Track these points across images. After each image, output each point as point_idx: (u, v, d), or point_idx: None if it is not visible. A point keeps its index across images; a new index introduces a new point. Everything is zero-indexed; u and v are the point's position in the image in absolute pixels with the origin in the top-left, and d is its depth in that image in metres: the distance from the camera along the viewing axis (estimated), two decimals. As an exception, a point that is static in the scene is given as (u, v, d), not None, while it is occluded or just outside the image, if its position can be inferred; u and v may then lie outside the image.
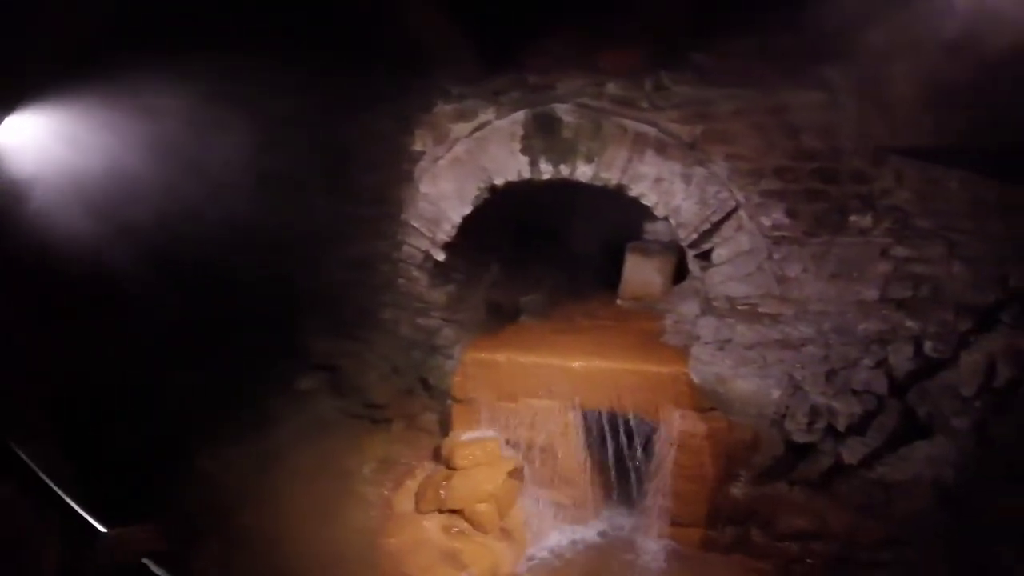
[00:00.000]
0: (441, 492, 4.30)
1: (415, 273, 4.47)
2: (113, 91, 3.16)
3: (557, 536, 4.44)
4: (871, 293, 3.55)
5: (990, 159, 3.09)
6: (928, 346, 3.52)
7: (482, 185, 4.13)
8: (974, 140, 2.77)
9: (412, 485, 4.55)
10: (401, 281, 4.55)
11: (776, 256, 3.68)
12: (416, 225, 4.37)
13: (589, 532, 4.44)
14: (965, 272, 3.40)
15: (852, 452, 3.72)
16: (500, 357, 4.34)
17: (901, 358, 3.57)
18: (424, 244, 4.37)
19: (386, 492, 4.45)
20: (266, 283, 4.67)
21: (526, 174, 4.01)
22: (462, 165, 4.15)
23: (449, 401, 4.56)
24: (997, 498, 3.24)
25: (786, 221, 3.60)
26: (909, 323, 3.53)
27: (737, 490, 3.94)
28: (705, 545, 4.09)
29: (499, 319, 4.94)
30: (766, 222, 3.64)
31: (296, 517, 4.02)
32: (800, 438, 3.77)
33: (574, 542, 4.41)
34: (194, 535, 3.64)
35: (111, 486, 3.19)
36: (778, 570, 3.92)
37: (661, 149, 3.71)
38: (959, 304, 3.44)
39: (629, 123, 3.75)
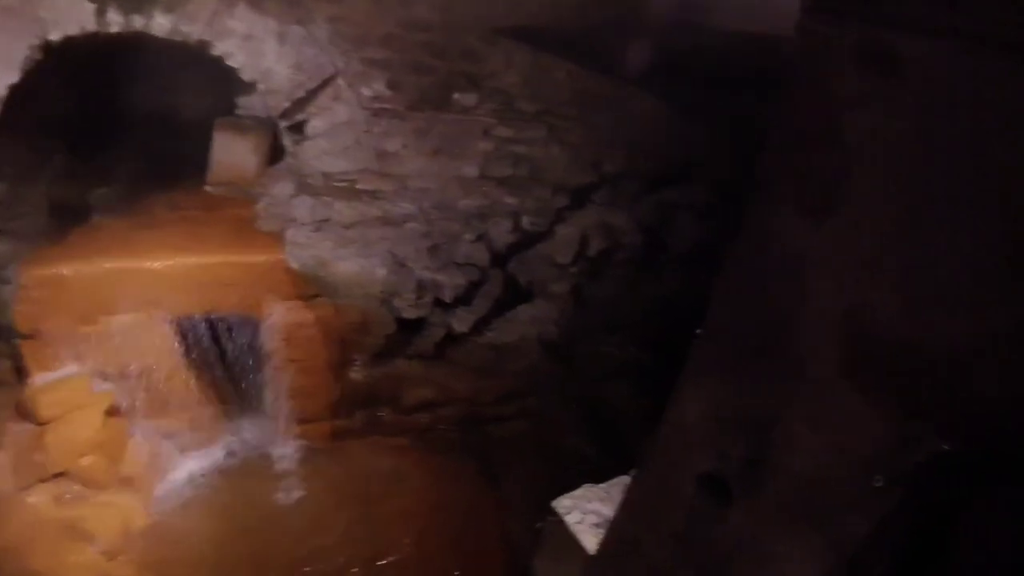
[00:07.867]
0: (36, 457, 3.57)
1: (-60, 168, 3.43)
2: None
3: (184, 468, 4.03)
4: (472, 170, 3.63)
5: (597, 50, 3.28)
6: (526, 220, 3.78)
7: (34, 42, 3.18)
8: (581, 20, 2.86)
9: (3, 458, 3.71)
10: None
11: (376, 130, 3.52)
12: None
13: (217, 454, 4.10)
14: (563, 155, 3.64)
15: (461, 321, 3.93)
16: (66, 270, 3.53)
17: (501, 231, 3.78)
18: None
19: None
20: None
21: (91, 26, 3.16)
22: (10, 16, 3.13)
23: (16, 339, 3.70)
24: (597, 347, 3.65)
25: (388, 93, 3.44)
26: (508, 199, 3.72)
27: (356, 374, 3.94)
28: (337, 435, 4.06)
29: (66, 222, 3.93)
30: (367, 92, 3.42)
31: None
32: (410, 314, 3.83)
33: (203, 469, 4.04)
34: None
35: None
36: (414, 441, 4.08)
37: (256, 2, 3.21)
38: (556, 184, 3.70)
39: (220, -31, 3.16)
